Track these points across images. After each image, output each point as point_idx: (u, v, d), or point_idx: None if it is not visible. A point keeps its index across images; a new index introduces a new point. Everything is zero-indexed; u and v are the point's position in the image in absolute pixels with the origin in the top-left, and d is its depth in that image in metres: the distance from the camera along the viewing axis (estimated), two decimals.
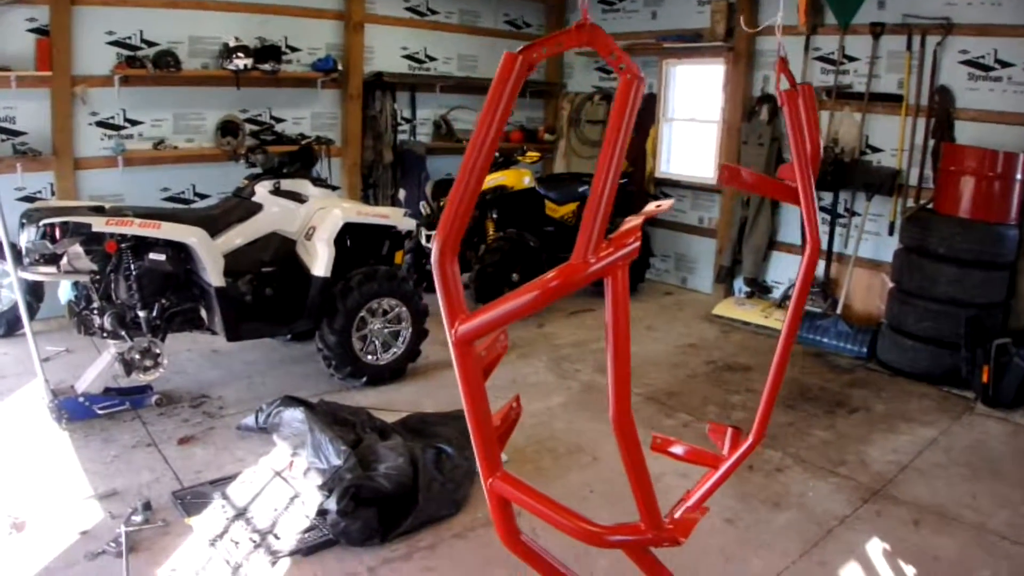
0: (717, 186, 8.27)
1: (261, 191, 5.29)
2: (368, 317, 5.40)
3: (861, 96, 7.00)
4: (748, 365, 6.32)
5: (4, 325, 5.99)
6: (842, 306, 7.04)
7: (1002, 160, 5.78)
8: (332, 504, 3.61)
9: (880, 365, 6.35)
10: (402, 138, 8.48)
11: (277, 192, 5.31)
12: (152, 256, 4.76)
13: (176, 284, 4.99)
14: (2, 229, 4.56)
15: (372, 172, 8.29)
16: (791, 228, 7.62)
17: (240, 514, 3.78)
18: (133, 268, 4.76)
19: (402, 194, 8.32)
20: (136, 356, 4.77)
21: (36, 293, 5.86)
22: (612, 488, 4.18)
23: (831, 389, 5.86)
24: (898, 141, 6.79)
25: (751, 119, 7.76)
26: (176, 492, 3.95)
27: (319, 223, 5.28)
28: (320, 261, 5.20)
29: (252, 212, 5.24)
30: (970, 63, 6.39)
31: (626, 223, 1.58)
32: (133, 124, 6.81)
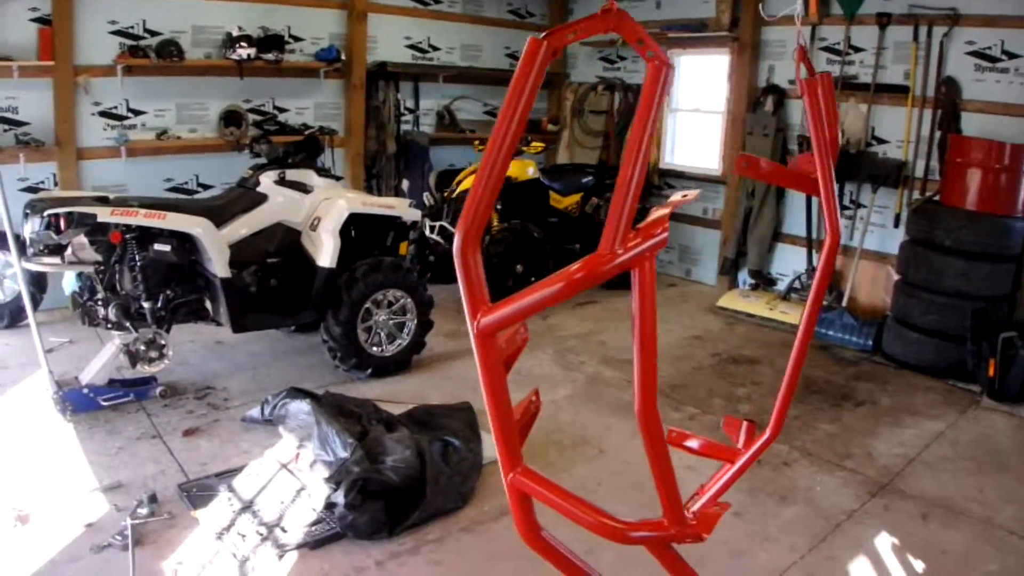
0: (721, 177, 8.23)
1: (266, 181, 5.25)
2: (373, 308, 5.37)
3: (867, 87, 6.97)
4: (753, 358, 6.30)
5: (7, 316, 5.96)
6: (847, 298, 7.01)
7: (1009, 152, 5.74)
8: (340, 497, 3.59)
9: (885, 358, 6.33)
10: (405, 128, 8.44)
11: (282, 182, 5.27)
12: (157, 247, 4.73)
13: (181, 275, 4.97)
14: (6, 219, 4.54)
15: (375, 162, 8.25)
16: (796, 220, 7.58)
17: (246, 507, 3.76)
18: (138, 259, 4.74)
19: (405, 184, 8.28)
20: (141, 347, 4.76)
21: (39, 284, 5.85)
22: (620, 481, 4.17)
23: (837, 382, 5.84)
24: (904, 132, 6.75)
25: (756, 109, 7.72)
26: (182, 485, 3.93)
27: (324, 214, 5.25)
28: (325, 252, 5.17)
29: (257, 202, 5.20)
30: (977, 54, 6.35)
31: (653, 213, 1.55)
32: (136, 114, 6.77)
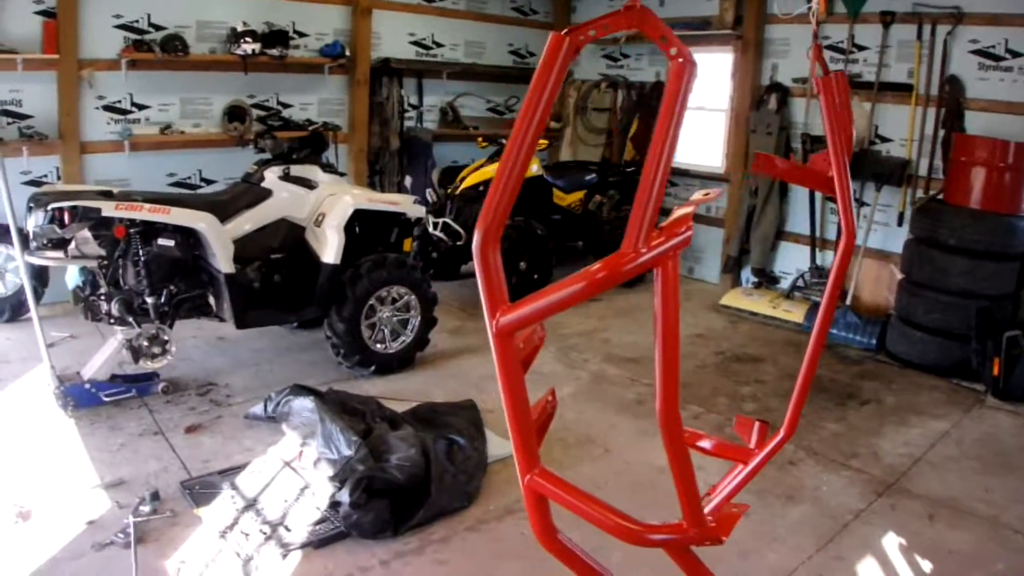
0: (725, 175, 8.22)
1: (270, 177, 5.23)
2: (377, 305, 5.34)
3: (871, 85, 6.95)
4: (757, 356, 6.28)
5: (8, 310, 5.94)
6: (851, 297, 6.99)
7: (1013, 150, 5.73)
8: (345, 496, 3.56)
9: (889, 357, 6.32)
10: (409, 125, 8.43)
11: (287, 178, 5.25)
12: (161, 242, 4.71)
13: (184, 270, 4.94)
14: (9, 213, 4.51)
15: (378, 159, 8.23)
16: (799, 218, 7.56)
17: (250, 505, 3.74)
18: (141, 254, 4.71)
19: (408, 181, 8.27)
20: (144, 343, 4.73)
21: (41, 278, 5.82)
22: (625, 480, 4.16)
23: (841, 381, 5.83)
24: (908, 131, 6.74)
25: (759, 108, 7.71)
26: (184, 482, 3.90)
27: (329, 209, 5.22)
28: (330, 248, 5.14)
29: (261, 198, 5.17)
30: (980, 53, 6.34)
31: (677, 211, 1.53)
32: (140, 108, 6.74)
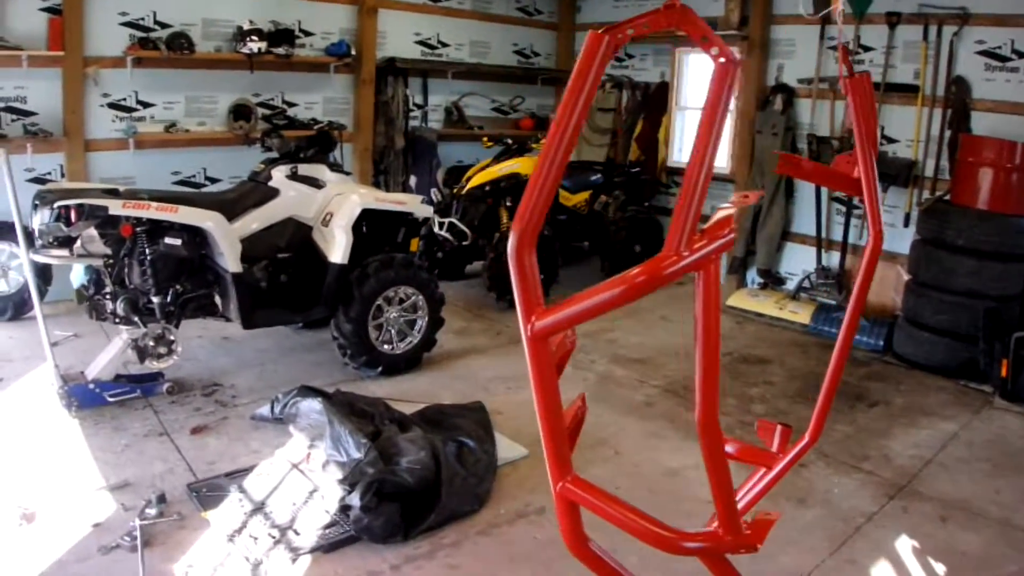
0: (730, 175, 8.18)
1: (278, 176, 5.19)
2: (384, 305, 5.31)
3: (877, 86, 6.91)
4: (764, 357, 6.26)
5: (11, 308, 5.91)
6: None
7: (1020, 151, 5.70)
8: (355, 499, 3.51)
9: (896, 358, 6.30)
10: (414, 124, 8.40)
11: (294, 177, 5.22)
12: (167, 240, 4.67)
13: (191, 269, 4.90)
14: (14, 210, 4.47)
15: (383, 158, 8.19)
16: (805, 219, 7.54)
17: (258, 508, 3.69)
18: (148, 252, 4.67)
19: (413, 180, 8.24)
20: (150, 343, 4.70)
21: (45, 276, 5.77)
22: (637, 483, 4.13)
23: (849, 382, 5.79)
24: (914, 132, 6.73)
25: (765, 108, 7.69)
26: (191, 484, 3.86)
27: (336, 209, 5.19)
28: (337, 248, 5.11)
29: (269, 197, 5.13)
30: (987, 53, 6.32)
31: (718, 212, 1.50)
32: (145, 106, 6.71)
